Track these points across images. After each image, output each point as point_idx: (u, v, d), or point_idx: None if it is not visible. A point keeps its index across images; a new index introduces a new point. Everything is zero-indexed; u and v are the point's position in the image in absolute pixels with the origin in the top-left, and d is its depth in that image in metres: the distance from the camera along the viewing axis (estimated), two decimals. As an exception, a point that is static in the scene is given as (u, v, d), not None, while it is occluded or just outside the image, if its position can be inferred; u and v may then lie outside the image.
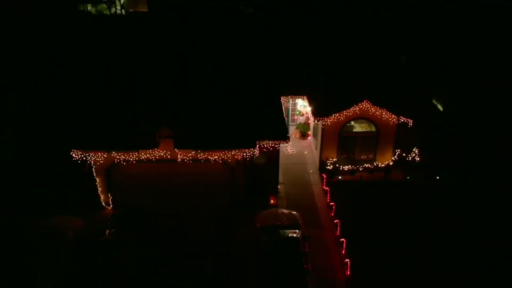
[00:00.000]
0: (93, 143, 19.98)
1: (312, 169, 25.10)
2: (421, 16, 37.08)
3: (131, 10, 49.99)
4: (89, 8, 50.62)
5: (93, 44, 31.86)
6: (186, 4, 44.11)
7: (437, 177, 23.97)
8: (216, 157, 20.48)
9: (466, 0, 35.21)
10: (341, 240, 18.83)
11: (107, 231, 19.40)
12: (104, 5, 50.24)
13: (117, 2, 49.95)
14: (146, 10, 48.75)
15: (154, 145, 19.79)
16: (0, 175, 23.63)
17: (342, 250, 18.68)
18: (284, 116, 23.98)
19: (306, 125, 28.19)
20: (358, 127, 24.51)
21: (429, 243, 19.42)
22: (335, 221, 20.15)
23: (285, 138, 20.56)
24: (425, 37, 35.32)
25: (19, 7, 39.25)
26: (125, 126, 20.42)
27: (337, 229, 19.90)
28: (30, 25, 37.22)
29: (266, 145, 20.70)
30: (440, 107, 30.70)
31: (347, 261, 17.86)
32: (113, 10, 49.49)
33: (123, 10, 50.57)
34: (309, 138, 28.14)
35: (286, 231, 18.75)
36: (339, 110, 22.69)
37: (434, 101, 31.41)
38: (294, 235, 18.54)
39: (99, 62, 27.19)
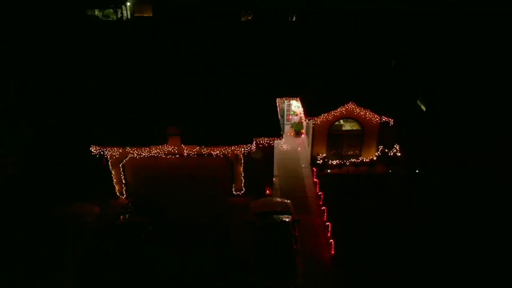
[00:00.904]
0: (109, 140, 22.66)
1: (305, 163, 27.70)
2: (410, 23, 39.75)
3: (137, 15, 52.33)
4: (96, 13, 53.03)
5: (106, 49, 34.47)
6: (188, 10, 46.64)
7: (417, 171, 26.61)
8: (218, 152, 23.07)
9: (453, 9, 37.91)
10: (326, 224, 21.52)
11: (121, 216, 22.06)
12: (111, 10, 52.68)
13: (123, 7, 52.26)
14: (151, 15, 51.18)
15: (163, 141, 22.44)
16: (30, 169, 26.37)
17: (328, 233, 21.35)
18: (280, 116, 26.53)
19: (300, 124, 30.77)
20: (347, 126, 27.09)
21: (406, 227, 22.05)
22: (322, 208, 22.83)
23: (279, 135, 23.18)
24: (412, 43, 37.98)
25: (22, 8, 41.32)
26: (138, 124, 23.10)
27: (324, 215, 22.58)
28: (45, 29, 39.69)
29: (262, 141, 23.30)
30: (423, 108, 33.33)
31: (332, 242, 20.54)
32: (119, 14, 51.94)
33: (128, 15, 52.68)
34: (302, 136, 30.70)
35: (279, 216, 21.34)
36: (327, 110, 25.28)
37: (418, 102, 34.03)
38: (286, 220, 21.11)
39: (111, 66, 29.87)
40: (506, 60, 33.54)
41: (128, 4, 51.85)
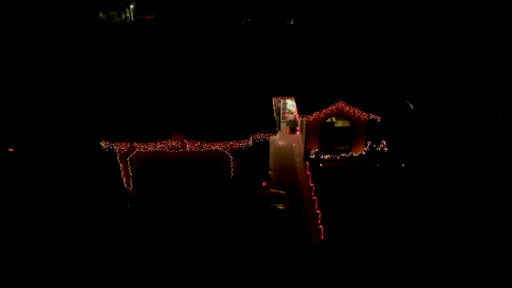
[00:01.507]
0: (118, 135, 24.61)
1: (299, 158, 29.59)
2: (401, 23, 41.54)
3: (140, 17, 54.01)
4: (100, 15, 54.70)
5: (111, 50, 36.23)
6: (190, 14, 48.36)
7: (403, 165, 28.54)
8: (218, 146, 24.99)
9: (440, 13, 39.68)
10: (317, 212, 23.49)
11: (129, 205, 24.14)
12: (114, 12, 54.38)
13: (127, 10, 53.98)
14: (153, 17, 52.88)
15: (168, 137, 24.39)
16: (44, 165, 28.30)
17: (318, 220, 23.32)
18: (276, 114, 28.32)
19: (295, 121, 32.59)
20: (339, 123, 28.96)
21: (390, 216, 24.06)
22: (313, 198, 24.80)
23: (273, 131, 25.10)
24: (403, 43, 39.83)
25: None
26: (144, 121, 25.04)
27: (315, 204, 24.54)
28: (50, 31, 41.37)
29: (258, 137, 25.24)
30: (411, 106, 35.23)
31: (321, 228, 22.52)
32: (123, 16, 53.66)
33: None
34: (297, 133, 32.54)
35: (274, 205, 23.38)
36: (319, 109, 27.14)
37: (407, 101, 35.90)
38: (281, 208, 23.17)
39: (116, 67, 31.70)
40: (495, 60, 35.37)
41: (132, 6, 53.63)
